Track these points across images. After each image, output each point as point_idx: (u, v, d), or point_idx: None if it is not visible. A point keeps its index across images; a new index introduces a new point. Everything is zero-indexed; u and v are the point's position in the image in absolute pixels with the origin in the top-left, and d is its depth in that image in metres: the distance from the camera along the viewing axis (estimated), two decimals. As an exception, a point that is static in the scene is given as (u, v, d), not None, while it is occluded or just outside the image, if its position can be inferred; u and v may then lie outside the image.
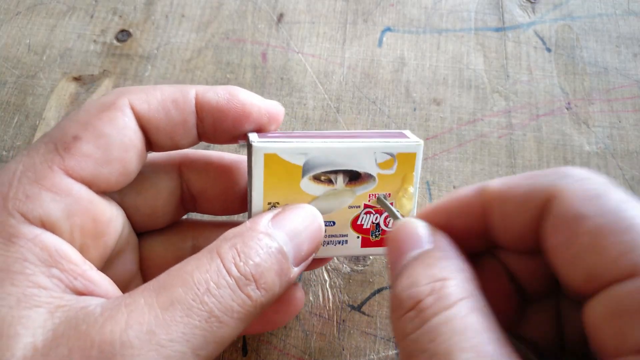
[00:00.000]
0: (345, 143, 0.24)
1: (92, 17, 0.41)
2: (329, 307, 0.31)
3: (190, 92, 0.23)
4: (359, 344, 0.30)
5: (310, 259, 0.23)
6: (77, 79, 0.39)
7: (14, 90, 0.38)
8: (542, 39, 0.40)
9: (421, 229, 0.20)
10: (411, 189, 0.25)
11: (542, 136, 0.36)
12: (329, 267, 0.32)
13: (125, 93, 0.23)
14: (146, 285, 0.19)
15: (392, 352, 0.30)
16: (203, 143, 0.36)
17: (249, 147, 0.23)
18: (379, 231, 0.25)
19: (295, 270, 0.22)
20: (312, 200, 0.24)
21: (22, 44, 0.40)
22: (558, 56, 0.39)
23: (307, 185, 0.24)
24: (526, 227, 0.19)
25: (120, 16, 0.41)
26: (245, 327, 0.20)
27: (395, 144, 0.24)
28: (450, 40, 0.40)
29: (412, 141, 0.24)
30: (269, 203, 0.24)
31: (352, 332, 0.30)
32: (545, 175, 0.18)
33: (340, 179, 0.24)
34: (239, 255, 0.20)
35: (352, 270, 0.32)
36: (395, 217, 0.24)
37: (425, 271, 0.18)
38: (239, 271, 0.20)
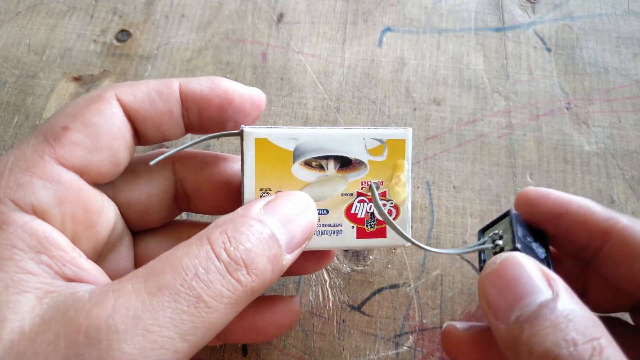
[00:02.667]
0: (335, 129, 0.24)
1: (92, 17, 0.41)
2: (329, 307, 0.31)
3: (174, 83, 0.24)
4: (359, 344, 0.30)
5: (304, 246, 0.23)
6: (77, 79, 0.39)
7: (14, 90, 0.38)
8: (542, 39, 0.40)
9: (535, 271, 0.20)
10: (403, 177, 0.25)
11: (542, 136, 0.36)
12: (329, 267, 0.32)
13: (111, 87, 0.23)
14: (135, 272, 0.19)
15: (392, 352, 0.30)
16: (204, 143, 0.36)
17: (241, 133, 0.23)
18: (374, 221, 0.25)
19: (288, 257, 0.22)
20: (304, 186, 0.24)
21: (22, 44, 0.40)
22: (558, 56, 0.39)
23: (299, 171, 0.24)
24: None
25: (120, 16, 0.41)
26: (236, 314, 0.20)
27: (384, 131, 0.25)
28: (450, 40, 0.40)
29: (400, 128, 0.25)
30: (261, 189, 0.24)
31: (352, 332, 0.30)
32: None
33: (331, 165, 0.24)
34: (230, 241, 0.20)
35: (352, 270, 0.32)
36: (380, 211, 0.24)
37: (570, 330, 0.17)
38: (228, 256, 0.20)
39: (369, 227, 0.25)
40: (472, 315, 0.31)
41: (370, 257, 0.32)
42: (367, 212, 0.25)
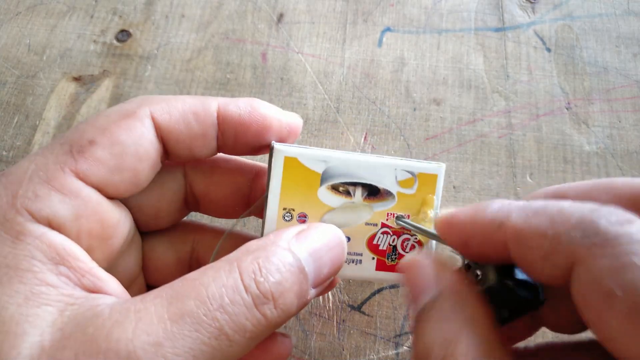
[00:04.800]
0: (367, 156, 0.24)
1: (92, 17, 0.41)
2: (329, 307, 0.31)
3: (212, 105, 0.23)
4: (359, 344, 0.30)
5: (328, 282, 0.22)
6: (77, 79, 0.39)
7: (14, 90, 0.38)
8: (542, 39, 0.40)
9: (428, 269, 0.20)
10: (431, 213, 0.24)
11: (542, 136, 0.36)
12: (329, 267, 0.32)
13: (147, 102, 0.22)
14: (159, 291, 0.19)
15: (392, 352, 0.30)
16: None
17: (271, 150, 0.23)
18: (395, 255, 0.24)
19: (313, 293, 0.21)
20: (328, 211, 0.24)
21: (22, 44, 0.40)
22: (558, 56, 0.39)
23: (325, 194, 0.24)
24: (548, 275, 0.18)
25: (120, 16, 0.41)
26: (254, 346, 0.20)
27: (417, 163, 0.24)
28: (450, 40, 0.40)
29: (434, 162, 0.24)
30: (284, 208, 0.23)
31: (352, 332, 0.30)
32: (569, 227, 0.17)
33: (358, 192, 0.24)
34: (260, 271, 0.19)
35: (352, 270, 0.32)
36: (426, 234, 0.23)
37: (436, 330, 0.18)
38: (258, 288, 0.19)
39: (389, 260, 0.24)
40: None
41: (370, 257, 0.33)
42: (390, 245, 0.24)
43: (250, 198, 0.27)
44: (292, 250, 0.21)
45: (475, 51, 0.40)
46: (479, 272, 0.21)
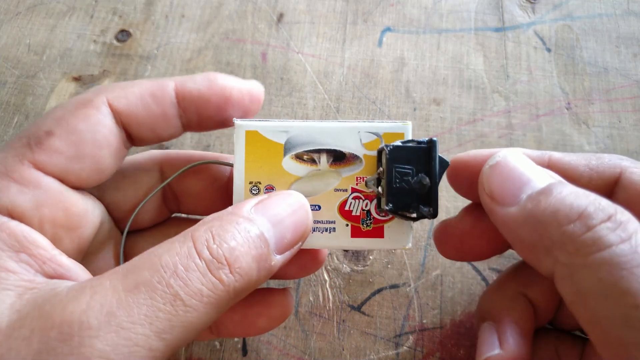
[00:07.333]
0: (328, 122, 0.23)
1: (92, 17, 0.41)
2: (329, 307, 0.31)
3: (169, 84, 0.23)
4: (359, 344, 0.30)
5: (296, 248, 0.22)
6: (77, 79, 0.39)
7: (14, 90, 0.38)
8: (542, 39, 0.40)
9: (534, 164, 0.22)
10: None
11: (542, 136, 0.36)
12: (328, 267, 0.32)
13: (102, 91, 0.23)
14: (115, 268, 0.19)
15: (392, 352, 0.30)
16: (203, 142, 0.36)
17: (234, 126, 0.23)
18: (370, 219, 0.24)
19: (278, 258, 0.21)
20: (295, 180, 0.24)
21: (22, 44, 0.40)
22: (558, 56, 0.39)
23: (290, 164, 0.23)
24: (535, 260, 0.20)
25: (120, 16, 0.41)
26: (219, 314, 0.20)
27: (381, 124, 0.23)
28: (450, 40, 0.40)
29: (399, 121, 0.24)
30: (251, 182, 0.23)
31: (352, 332, 0.30)
32: (605, 159, 0.23)
33: (323, 159, 0.24)
34: (214, 238, 0.19)
35: (352, 270, 0.32)
36: (379, 204, 0.23)
37: (576, 199, 0.19)
38: (211, 254, 0.19)
39: (364, 225, 0.24)
40: (473, 316, 0.31)
41: (370, 257, 0.32)
42: (363, 210, 0.24)
43: (229, 189, 0.27)
44: (250, 218, 0.20)
45: (475, 51, 0.40)
46: (380, 169, 0.23)
